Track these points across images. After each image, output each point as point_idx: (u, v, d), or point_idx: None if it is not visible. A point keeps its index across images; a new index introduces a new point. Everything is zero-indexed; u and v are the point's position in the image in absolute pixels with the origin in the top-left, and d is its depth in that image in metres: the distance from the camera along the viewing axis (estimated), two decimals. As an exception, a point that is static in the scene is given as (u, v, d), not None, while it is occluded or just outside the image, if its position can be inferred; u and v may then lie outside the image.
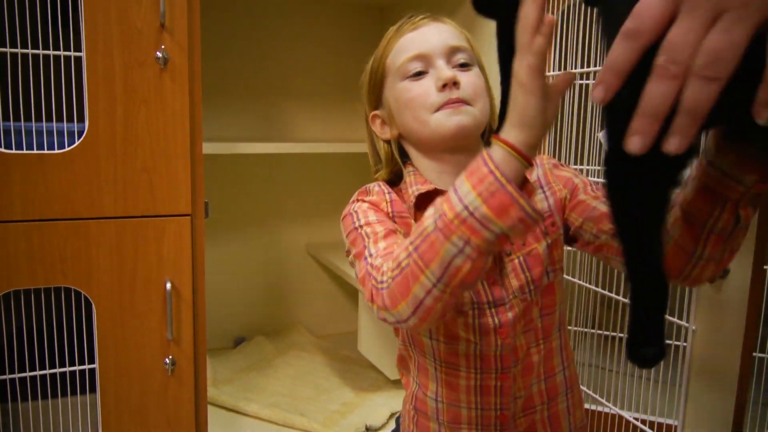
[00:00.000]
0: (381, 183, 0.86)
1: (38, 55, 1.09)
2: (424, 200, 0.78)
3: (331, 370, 1.82)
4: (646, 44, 0.38)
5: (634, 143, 0.40)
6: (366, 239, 0.74)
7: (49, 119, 1.10)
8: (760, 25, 0.33)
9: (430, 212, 0.61)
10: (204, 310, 1.25)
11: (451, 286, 0.59)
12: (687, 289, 1.06)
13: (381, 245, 0.71)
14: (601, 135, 1.28)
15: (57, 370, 1.17)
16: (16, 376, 1.14)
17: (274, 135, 1.98)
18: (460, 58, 0.80)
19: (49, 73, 1.09)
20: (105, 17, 1.09)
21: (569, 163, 1.33)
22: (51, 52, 1.10)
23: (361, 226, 0.77)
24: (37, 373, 1.16)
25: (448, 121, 0.77)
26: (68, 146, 1.11)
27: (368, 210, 0.80)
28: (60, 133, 1.11)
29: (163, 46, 1.12)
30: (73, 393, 1.21)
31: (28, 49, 1.08)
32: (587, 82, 1.29)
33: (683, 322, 1.05)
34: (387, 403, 1.59)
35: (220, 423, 1.50)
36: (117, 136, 1.13)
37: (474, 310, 0.77)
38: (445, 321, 0.76)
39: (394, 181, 0.87)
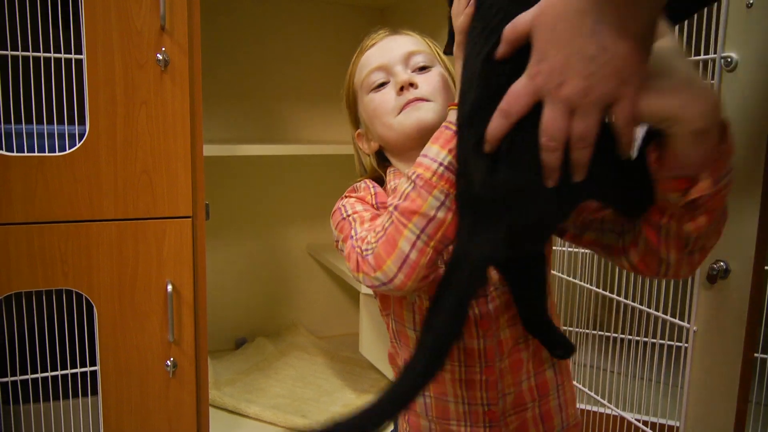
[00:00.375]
0: (367, 180, 0.91)
1: (39, 57, 1.09)
2: None
3: (332, 372, 1.82)
4: (515, 121, 0.53)
5: (550, 183, 0.55)
6: (352, 223, 0.79)
7: (50, 122, 1.10)
8: (603, 111, 0.50)
9: (403, 180, 0.67)
10: (205, 311, 1.25)
11: (435, 238, 0.64)
12: (688, 290, 1.06)
13: (366, 225, 0.76)
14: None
15: (59, 372, 1.18)
16: (18, 378, 1.14)
17: (275, 137, 1.98)
18: (419, 61, 0.85)
19: (50, 76, 1.09)
20: (105, 19, 1.09)
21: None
22: (52, 55, 1.10)
23: (348, 215, 0.82)
24: (39, 375, 1.16)
25: (407, 119, 0.82)
26: (69, 148, 1.11)
27: (355, 203, 0.85)
28: (61, 135, 1.11)
29: (163, 48, 1.12)
30: (75, 395, 1.21)
31: (29, 51, 1.08)
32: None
33: (684, 323, 1.05)
34: (388, 405, 1.59)
35: (222, 425, 1.50)
36: (117, 138, 1.13)
37: None
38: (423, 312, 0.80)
39: (380, 182, 0.91)
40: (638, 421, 1.19)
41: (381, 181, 0.91)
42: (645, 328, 1.26)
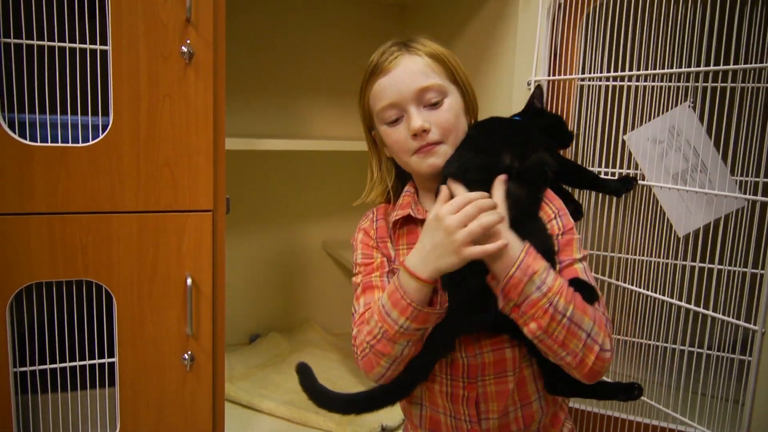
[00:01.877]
0: (375, 210, 1.05)
1: (64, 48, 1.09)
2: (402, 222, 0.98)
3: (345, 368, 1.81)
4: None
5: None
6: (355, 289, 0.98)
7: (73, 112, 1.10)
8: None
9: (372, 324, 0.86)
10: (223, 306, 1.25)
11: (402, 363, 0.87)
12: (756, 288, 1.01)
13: (360, 305, 0.94)
14: (626, 137, 1.26)
15: (77, 363, 1.18)
16: (37, 368, 1.14)
17: (295, 132, 1.98)
18: (431, 97, 0.93)
19: (74, 66, 1.09)
20: (131, 11, 1.08)
21: (595, 166, 1.31)
22: (77, 45, 1.09)
23: (355, 264, 1.00)
24: (57, 365, 1.16)
25: (422, 164, 0.93)
26: (92, 140, 1.11)
27: (360, 243, 1.01)
28: (84, 126, 1.11)
29: (188, 41, 1.12)
30: (92, 386, 1.21)
31: (54, 42, 1.08)
32: (613, 83, 1.27)
33: (751, 325, 0.99)
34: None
35: (236, 419, 1.50)
36: (140, 130, 1.12)
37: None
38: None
39: (389, 198, 1.06)
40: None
41: (390, 190, 1.05)
42: (703, 335, 1.20)
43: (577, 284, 0.82)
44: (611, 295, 1.31)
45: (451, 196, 0.84)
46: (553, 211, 0.91)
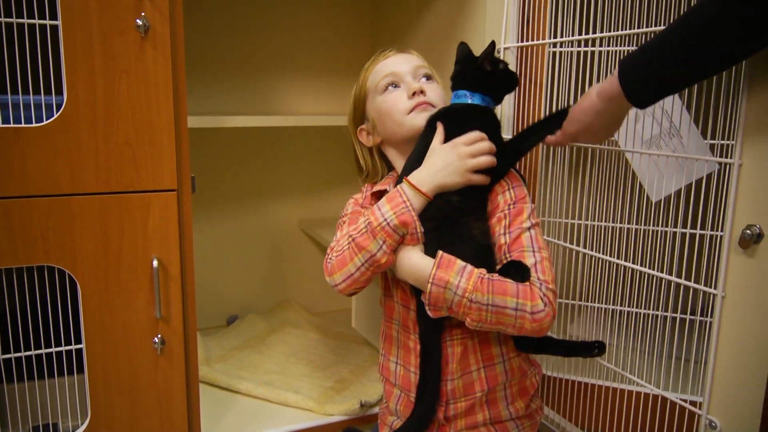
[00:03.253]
0: (367, 185, 1.17)
1: (11, 23, 1.04)
2: (381, 194, 1.08)
3: (325, 347, 1.80)
4: None
5: None
6: (341, 225, 1.08)
7: (25, 92, 1.06)
8: None
9: (362, 219, 0.97)
10: (193, 287, 1.22)
11: (372, 267, 0.96)
12: (714, 254, 1.02)
13: (342, 233, 1.02)
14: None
15: (43, 351, 1.15)
16: (0, 357, 1.11)
17: (265, 109, 1.93)
18: (424, 73, 1.11)
19: (23, 43, 1.04)
20: (81, -17, 1.04)
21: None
22: (25, 21, 1.04)
23: (343, 215, 1.11)
24: (23, 354, 1.13)
25: (417, 118, 1.06)
26: (46, 119, 1.06)
27: (350, 206, 1.13)
28: (37, 106, 1.07)
29: (143, 13, 1.07)
30: (61, 374, 1.18)
31: (0, 17, 1.03)
32: (585, 49, 1.25)
33: (710, 289, 0.99)
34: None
35: (213, 402, 1.49)
36: (97, 108, 1.08)
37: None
38: (401, 288, 1.05)
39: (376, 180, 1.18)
40: (657, 396, 1.16)
41: (375, 174, 1.17)
42: (664, 299, 1.21)
43: (509, 267, 0.93)
44: (579, 262, 1.30)
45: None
46: (506, 182, 1.03)
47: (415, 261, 0.96)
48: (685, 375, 1.23)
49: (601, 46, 1.23)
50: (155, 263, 1.15)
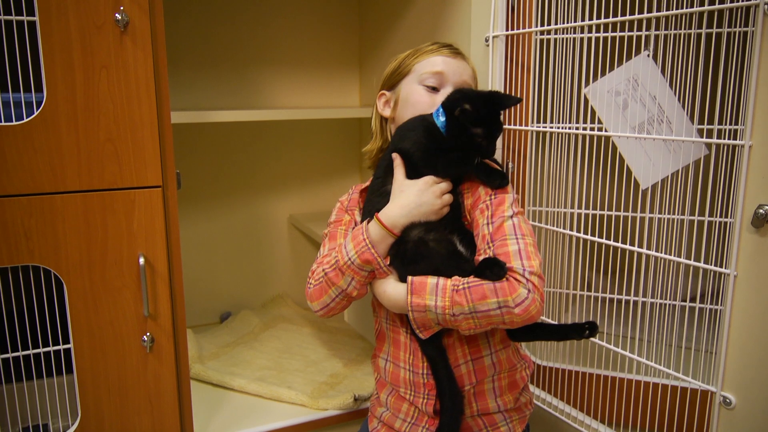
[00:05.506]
0: (353, 186, 1.16)
1: (-13, 20, 1.02)
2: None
3: (319, 342, 1.79)
4: None
5: None
6: (323, 239, 1.12)
7: (3, 89, 1.04)
8: None
9: (333, 254, 1.02)
10: (181, 284, 1.21)
11: (346, 299, 1.02)
12: (726, 232, 1.02)
13: (324, 250, 1.08)
14: (586, 90, 1.23)
15: (31, 352, 1.14)
16: (-13, 359, 1.10)
17: (251, 103, 1.92)
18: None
19: (0, 40, 1.03)
20: (57, -23, 1.02)
21: (556, 122, 1.28)
22: (1, 17, 1.03)
23: (328, 223, 1.14)
24: (10, 355, 1.12)
25: None
26: (26, 117, 1.05)
27: (335, 210, 1.14)
28: (17, 104, 1.05)
29: (121, 8, 1.06)
30: (50, 374, 1.17)
31: (-25, 13, 1.01)
32: (572, 35, 1.24)
33: (722, 269, 0.98)
34: (376, 373, 1.57)
35: (206, 399, 1.48)
36: (78, 104, 1.07)
37: None
38: None
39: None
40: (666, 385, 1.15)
41: (375, 140, 1.17)
42: (671, 286, 1.19)
43: (484, 267, 0.92)
44: (583, 250, 1.29)
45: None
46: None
47: (389, 293, 0.98)
48: (687, 363, 1.22)
49: (589, 33, 1.22)
50: (141, 261, 1.14)
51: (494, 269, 0.90)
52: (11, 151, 1.04)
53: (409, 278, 0.94)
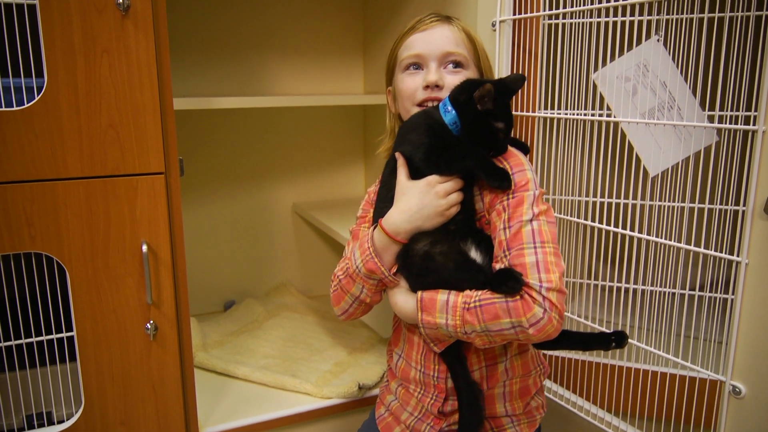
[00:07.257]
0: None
1: (-13, 3, 1.01)
2: None
3: (323, 330, 1.79)
4: None
5: None
6: (350, 237, 1.09)
7: (4, 75, 1.03)
8: None
9: (345, 265, 1.01)
10: (185, 272, 1.20)
11: (362, 306, 1.02)
12: (736, 220, 1.00)
13: (347, 252, 1.04)
14: (595, 76, 1.21)
15: (34, 339, 1.13)
16: (-10, 346, 1.10)
17: (256, 90, 1.90)
18: (453, 59, 1.00)
19: (1, 25, 1.01)
20: (57, -41, 1.00)
21: (564, 108, 1.26)
22: (1, 1, 1.01)
23: (357, 218, 1.11)
24: (13, 342, 1.11)
25: None
26: (27, 103, 1.03)
27: (364, 201, 1.11)
28: (17, 89, 1.04)
29: (122, -9, 1.04)
30: (53, 362, 1.16)
31: (-26, -4, 1.00)
32: (580, 20, 1.21)
33: (733, 257, 0.97)
34: (379, 361, 1.57)
35: (210, 387, 1.47)
36: (79, 89, 1.05)
37: None
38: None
39: None
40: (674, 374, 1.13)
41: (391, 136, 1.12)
42: (673, 275, 1.18)
43: (499, 281, 0.85)
44: (591, 237, 1.28)
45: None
46: (505, 166, 0.93)
47: (400, 306, 0.95)
48: (695, 353, 1.20)
49: (599, 17, 1.20)
50: (144, 248, 1.13)
51: (509, 283, 0.84)
52: (12, 137, 1.03)
53: (419, 294, 0.90)
